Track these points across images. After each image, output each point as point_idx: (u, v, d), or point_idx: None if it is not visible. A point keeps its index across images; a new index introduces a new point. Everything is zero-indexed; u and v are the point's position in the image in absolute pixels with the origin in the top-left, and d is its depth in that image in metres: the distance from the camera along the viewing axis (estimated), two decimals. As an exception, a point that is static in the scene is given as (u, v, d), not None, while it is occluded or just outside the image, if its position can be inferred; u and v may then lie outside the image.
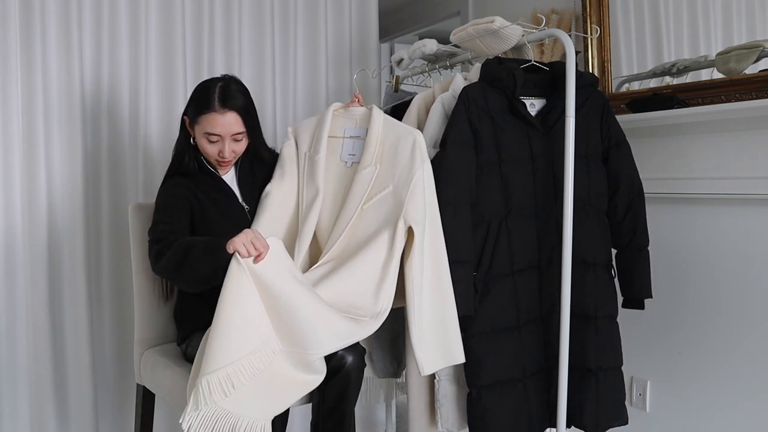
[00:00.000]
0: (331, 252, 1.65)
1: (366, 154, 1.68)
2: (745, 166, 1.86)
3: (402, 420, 2.60)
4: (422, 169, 1.64)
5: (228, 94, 1.65)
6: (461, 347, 1.66)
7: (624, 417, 1.83)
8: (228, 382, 1.35)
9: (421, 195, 1.62)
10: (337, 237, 1.65)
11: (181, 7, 2.26)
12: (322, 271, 1.61)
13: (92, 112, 2.16)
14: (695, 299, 2.04)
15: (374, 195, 1.66)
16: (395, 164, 1.66)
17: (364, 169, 1.67)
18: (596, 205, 1.80)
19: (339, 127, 1.77)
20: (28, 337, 2.01)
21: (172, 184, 1.72)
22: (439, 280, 1.65)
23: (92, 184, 2.16)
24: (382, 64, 3.16)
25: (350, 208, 1.66)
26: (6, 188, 1.97)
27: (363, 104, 1.78)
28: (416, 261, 1.61)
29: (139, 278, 1.84)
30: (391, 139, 1.68)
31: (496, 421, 1.68)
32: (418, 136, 1.67)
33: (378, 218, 1.64)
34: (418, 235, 1.60)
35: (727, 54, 1.89)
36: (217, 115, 1.63)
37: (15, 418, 2.00)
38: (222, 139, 1.66)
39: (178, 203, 1.69)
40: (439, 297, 1.65)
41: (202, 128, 1.66)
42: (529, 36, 1.79)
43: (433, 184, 1.65)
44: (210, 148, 1.68)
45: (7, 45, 1.95)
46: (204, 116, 1.65)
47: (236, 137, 1.68)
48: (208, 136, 1.66)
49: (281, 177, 1.75)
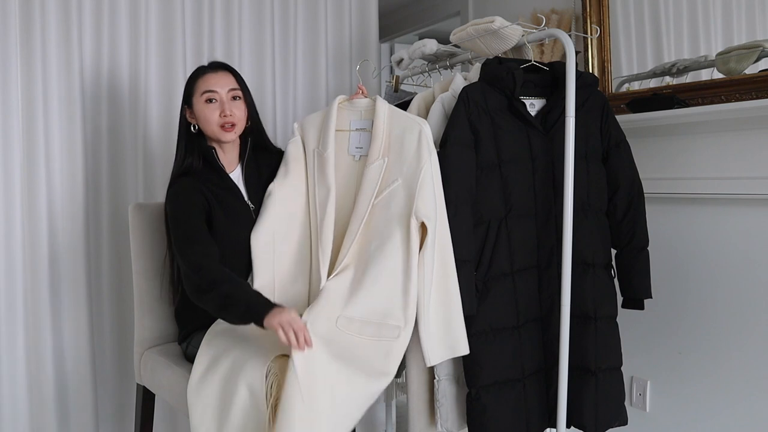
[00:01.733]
0: (349, 254, 1.64)
1: (373, 148, 1.67)
2: (745, 166, 1.86)
3: (402, 420, 2.60)
4: (429, 161, 1.62)
5: (217, 61, 1.78)
6: (465, 339, 1.66)
7: (624, 417, 1.83)
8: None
9: (430, 188, 1.61)
10: (353, 236, 1.64)
11: (181, 7, 2.26)
12: (346, 282, 1.62)
13: (92, 112, 2.16)
14: (695, 299, 2.04)
15: (384, 189, 1.65)
16: (402, 156, 1.64)
17: (373, 164, 1.66)
18: (596, 205, 1.80)
19: (345, 120, 1.75)
20: (28, 337, 2.01)
21: (184, 189, 1.67)
22: (445, 274, 1.64)
23: (92, 183, 2.16)
24: (382, 64, 3.16)
25: (362, 205, 1.65)
26: (6, 188, 1.97)
27: (367, 95, 1.76)
28: (428, 256, 1.61)
29: (139, 278, 1.84)
30: (397, 131, 1.67)
31: (495, 421, 1.68)
32: (424, 126, 1.65)
33: (389, 213, 1.64)
34: (431, 230, 1.60)
35: (727, 54, 1.89)
36: (210, 73, 1.72)
37: (15, 418, 2.00)
38: (220, 97, 1.69)
39: (196, 210, 1.64)
40: (446, 290, 1.64)
41: (199, 93, 1.69)
42: (529, 36, 1.79)
43: (440, 176, 1.65)
44: (212, 114, 1.68)
45: (7, 44, 1.95)
46: (199, 80, 1.71)
47: (233, 94, 1.71)
48: (208, 95, 1.68)
49: (284, 176, 1.75)
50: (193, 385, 1.50)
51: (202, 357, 1.54)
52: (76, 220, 2.09)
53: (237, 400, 1.41)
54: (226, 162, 1.77)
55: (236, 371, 1.44)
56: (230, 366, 1.46)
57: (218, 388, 1.46)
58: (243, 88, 1.74)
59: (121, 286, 2.20)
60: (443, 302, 1.64)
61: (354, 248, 1.64)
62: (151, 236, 1.84)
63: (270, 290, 1.68)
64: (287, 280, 1.71)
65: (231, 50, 2.40)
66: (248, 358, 1.45)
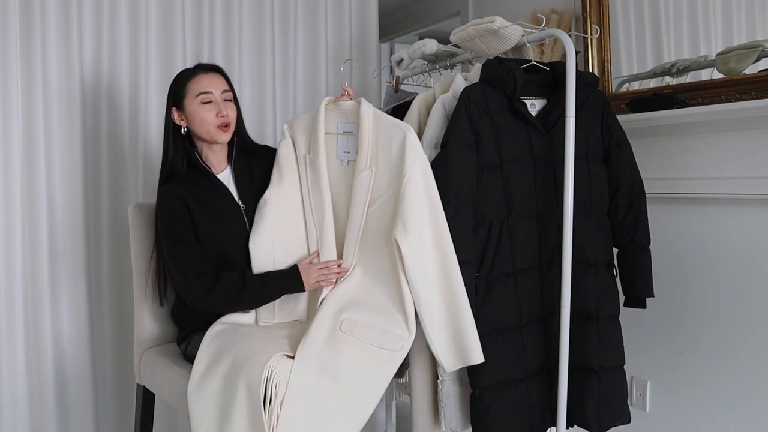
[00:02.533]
0: (352, 261, 1.65)
1: (360, 155, 1.65)
2: (745, 166, 1.86)
3: (402, 420, 2.60)
4: (414, 168, 1.59)
5: (206, 63, 1.77)
6: (478, 348, 1.62)
7: (626, 416, 1.83)
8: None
9: (414, 194, 1.58)
10: (352, 246, 1.65)
11: (181, 7, 2.26)
12: (351, 289, 1.63)
13: (92, 112, 2.16)
14: (695, 299, 2.04)
15: (376, 199, 1.64)
16: (390, 166, 1.62)
17: (361, 173, 1.64)
18: (597, 204, 1.80)
19: (332, 123, 1.73)
20: (28, 338, 2.01)
21: (167, 195, 1.69)
22: (447, 280, 1.61)
23: (92, 184, 2.16)
24: (382, 64, 3.16)
25: (357, 214, 1.64)
26: (6, 188, 1.97)
27: (353, 97, 1.73)
28: (416, 261, 1.58)
29: (139, 278, 1.84)
30: (383, 137, 1.64)
31: (498, 421, 1.68)
32: (408, 132, 1.61)
33: (383, 223, 1.63)
34: (414, 236, 1.57)
35: (727, 54, 1.89)
36: (202, 74, 1.72)
37: (15, 418, 2.00)
38: (215, 98, 1.70)
39: (179, 220, 1.66)
40: (452, 300, 1.62)
41: (193, 94, 1.69)
42: (529, 36, 1.79)
43: (431, 181, 1.61)
44: (208, 115, 1.69)
45: (7, 44, 1.95)
46: (191, 81, 1.70)
47: (226, 96, 1.72)
48: (203, 97, 1.68)
49: (279, 182, 1.72)
50: (193, 385, 1.50)
51: (202, 357, 1.54)
52: (76, 220, 2.09)
53: (238, 400, 1.41)
54: (216, 163, 1.77)
55: (237, 371, 1.44)
56: (231, 365, 1.46)
57: (219, 388, 1.46)
58: (232, 89, 1.76)
59: (120, 286, 2.20)
60: (449, 312, 1.62)
61: (356, 257, 1.65)
62: (151, 236, 1.83)
63: None
64: None
65: (231, 50, 2.39)
66: (249, 358, 1.45)
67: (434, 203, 1.61)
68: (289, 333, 1.59)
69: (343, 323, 1.55)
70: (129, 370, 2.18)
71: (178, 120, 1.73)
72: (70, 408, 2.10)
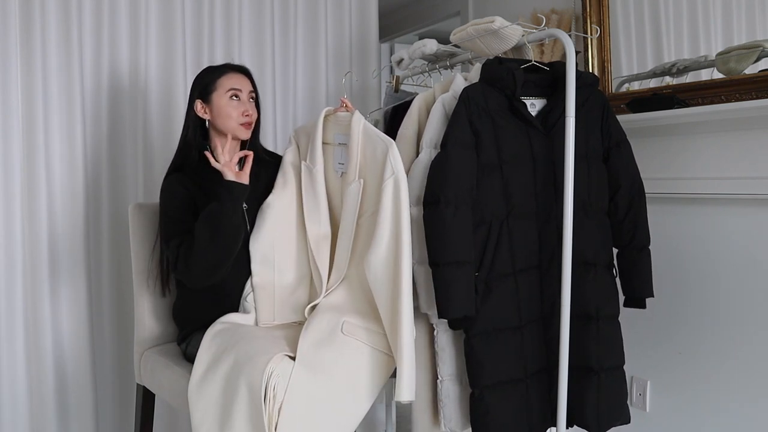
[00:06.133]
0: (345, 269, 1.66)
1: (349, 168, 1.66)
2: (745, 166, 1.86)
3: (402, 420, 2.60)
4: (387, 182, 1.56)
5: (237, 64, 1.83)
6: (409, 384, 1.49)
7: (626, 416, 1.83)
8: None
9: (387, 208, 1.55)
10: (344, 253, 1.65)
11: (181, 7, 2.26)
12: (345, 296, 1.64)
13: (92, 112, 2.16)
14: (695, 299, 2.04)
15: (364, 213, 1.65)
16: (375, 178, 1.62)
17: (349, 185, 1.66)
18: (597, 205, 1.80)
19: (330, 133, 1.76)
20: (28, 338, 2.01)
21: (171, 182, 1.73)
22: (394, 304, 1.52)
23: (92, 184, 2.16)
24: (382, 64, 3.16)
25: (348, 225, 1.66)
26: (6, 188, 1.97)
27: (351, 109, 1.72)
28: (372, 276, 1.55)
29: (139, 278, 1.84)
30: (369, 150, 1.64)
31: (498, 421, 1.68)
32: (391, 147, 1.58)
33: (368, 239, 1.63)
34: (373, 247, 1.55)
35: (727, 54, 1.89)
36: (233, 72, 1.78)
37: (15, 418, 2.00)
38: (243, 96, 1.76)
39: (183, 203, 1.69)
40: (392, 316, 1.53)
41: (224, 89, 1.74)
42: (529, 36, 1.79)
43: (402, 197, 1.55)
44: (235, 111, 1.74)
45: (7, 44, 1.95)
46: (224, 77, 1.76)
47: (252, 96, 1.79)
48: (234, 92, 1.74)
49: (283, 187, 1.76)
50: (194, 385, 1.50)
51: (203, 356, 1.54)
52: (76, 220, 2.09)
53: (239, 400, 1.41)
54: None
55: (238, 371, 1.44)
56: (232, 365, 1.46)
57: (220, 388, 1.46)
58: (257, 92, 1.82)
59: (121, 286, 2.20)
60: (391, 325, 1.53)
61: (349, 264, 1.66)
62: (151, 236, 1.83)
63: (270, 299, 1.71)
64: (287, 290, 1.73)
65: (231, 50, 2.40)
66: (250, 358, 1.45)
67: (400, 223, 1.55)
68: (289, 334, 1.60)
69: (344, 325, 1.55)
70: (129, 370, 2.18)
71: (201, 112, 1.76)
72: (70, 408, 2.10)
